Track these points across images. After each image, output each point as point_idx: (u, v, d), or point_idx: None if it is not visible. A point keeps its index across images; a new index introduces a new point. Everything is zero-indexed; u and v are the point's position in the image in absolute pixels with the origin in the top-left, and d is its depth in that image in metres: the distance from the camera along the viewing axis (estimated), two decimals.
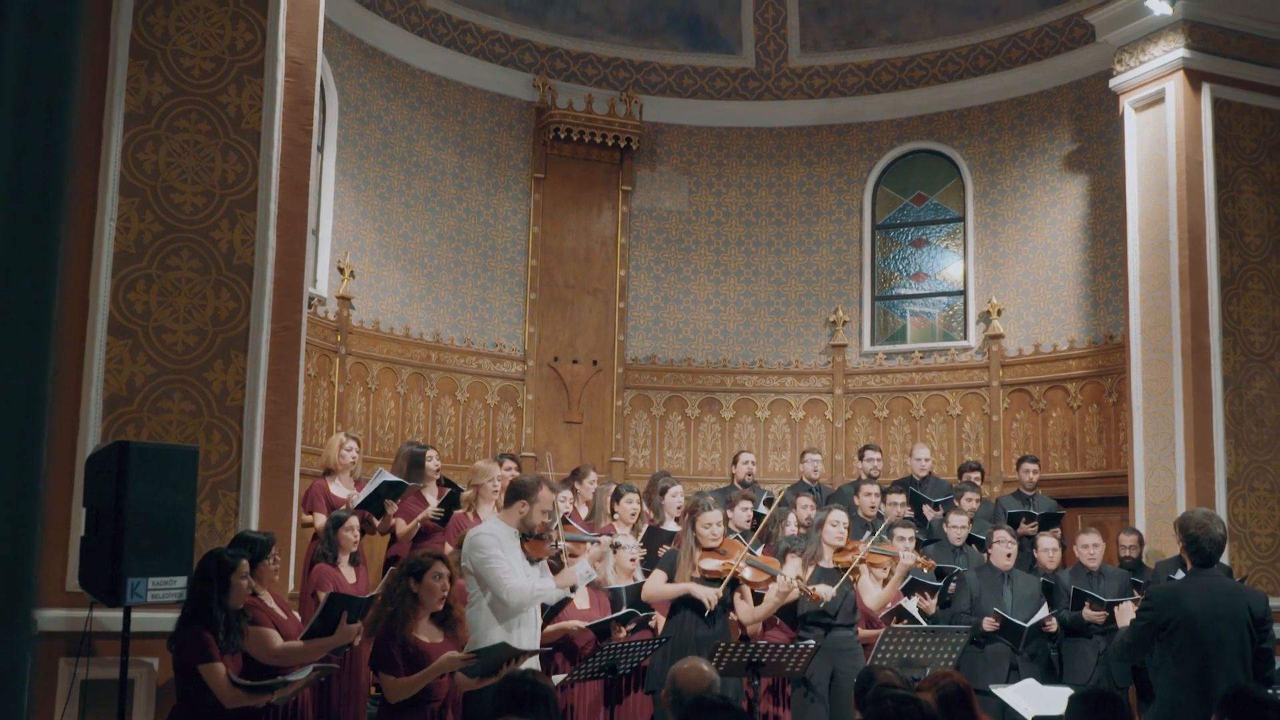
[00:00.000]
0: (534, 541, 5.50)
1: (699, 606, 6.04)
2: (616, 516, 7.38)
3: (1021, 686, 5.88)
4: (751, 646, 5.46)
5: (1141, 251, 9.10)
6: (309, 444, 8.38)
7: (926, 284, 11.76)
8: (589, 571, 5.74)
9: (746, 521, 7.66)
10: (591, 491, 8.02)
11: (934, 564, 7.19)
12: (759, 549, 6.81)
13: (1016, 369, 10.99)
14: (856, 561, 6.53)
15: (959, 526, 8.02)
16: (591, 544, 6.16)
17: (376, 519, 7.29)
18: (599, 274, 11.63)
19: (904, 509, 8.46)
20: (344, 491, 7.35)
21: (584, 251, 11.60)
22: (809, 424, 11.66)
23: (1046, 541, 7.82)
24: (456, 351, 10.86)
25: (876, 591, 6.71)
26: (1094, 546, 7.55)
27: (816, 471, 9.65)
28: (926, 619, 7.09)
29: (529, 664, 5.32)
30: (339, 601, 5.03)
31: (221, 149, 6.06)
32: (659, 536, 7.42)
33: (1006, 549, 7.26)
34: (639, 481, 8.95)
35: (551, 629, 5.90)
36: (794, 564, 6.49)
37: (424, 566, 4.77)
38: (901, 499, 8.56)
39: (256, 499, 5.94)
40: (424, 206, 10.80)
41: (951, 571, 7.65)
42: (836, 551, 6.59)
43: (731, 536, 6.59)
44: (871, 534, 7.06)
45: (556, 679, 5.48)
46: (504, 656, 4.83)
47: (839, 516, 6.69)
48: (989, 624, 6.94)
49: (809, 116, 11.92)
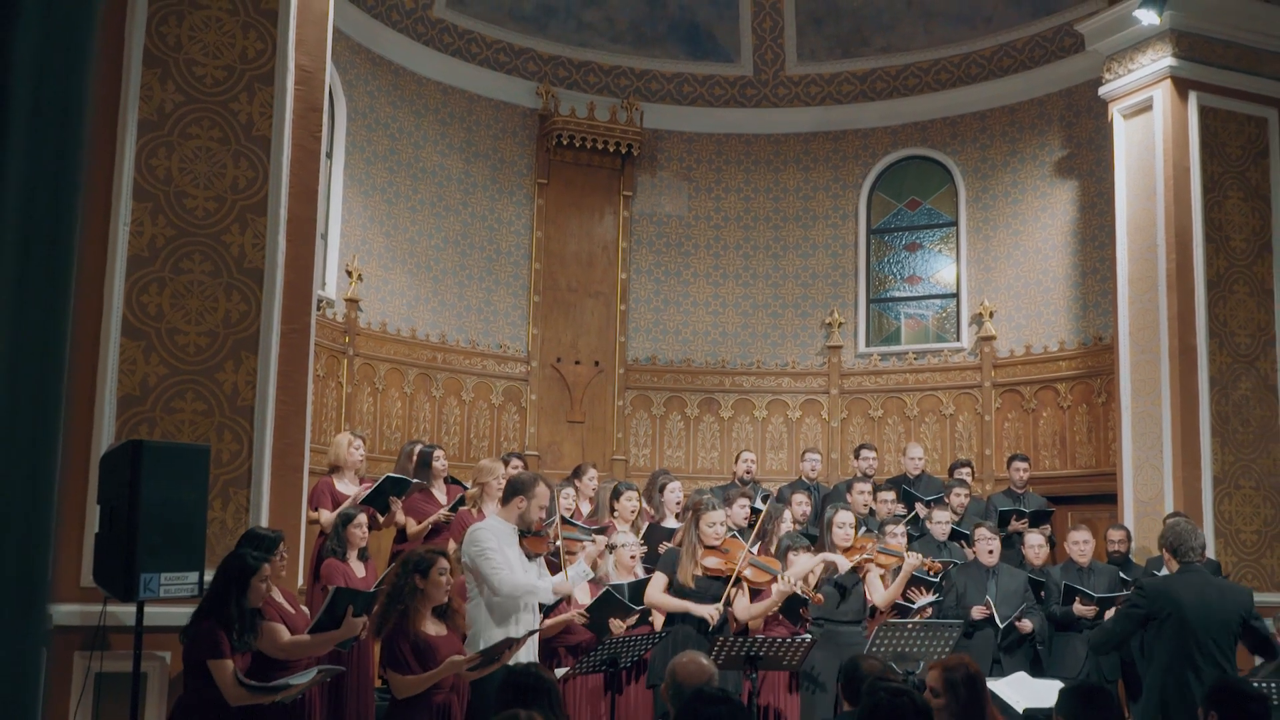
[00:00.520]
0: (532, 538, 5.50)
1: (696, 623, 6.02)
2: (616, 514, 7.38)
3: (1013, 680, 5.88)
4: (750, 640, 5.46)
5: (1130, 255, 9.10)
6: (318, 443, 8.38)
7: (920, 287, 11.76)
8: (586, 572, 5.72)
9: (744, 519, 7.66)
10: (593, 488, 8.02)
11: (940, 566, 7.16)
12: (755, 546, 6.80)
13: (1008, 370, 10.99)
14: (861, 559, 6.54)
15: (942, 522, 8.05)
16: (588, 542, 6.14)
17: (381, 515, 7.28)
18: (601, 277, 11.63)
19: (894, 506, 8.47)
20: (350, 489, 7.35)
21: (586, 255, 11.60)
22: (806, 423, 11.66)
23: (1033, 538, 7.82)
24: (462, 353, 10.86)
25: (881, 589, 6.72)
26: (1084, 543, 7.55)
27: (815, 470, 9.65)
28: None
29: (531, 658, 5.33)
30: (344, 596, 5.02)
31: (233, 155, 6.07)
32: (659, 534, 7.42)
33: (989, 546, 7.27)
34: (639, 480, 8.95)
35: (550, 623, 5.89)
36: (803, 560, 6.47)
37: (428, 563, 4.78)
38: (892, 496, 8.57)
39: (267, 496, 5.94)
40: (430, 211, 10.80)
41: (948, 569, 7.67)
42: (844, 550, 6.61)
43: (731, 535, 6.59)
44: (868, 531, 7.06)
45: (559, 672, 5.47)
46: (504, 646, 4.85)
47: (845, 517, 6.70)
48: (979, 611, 6.95)
49: (805, 123, 11.92)
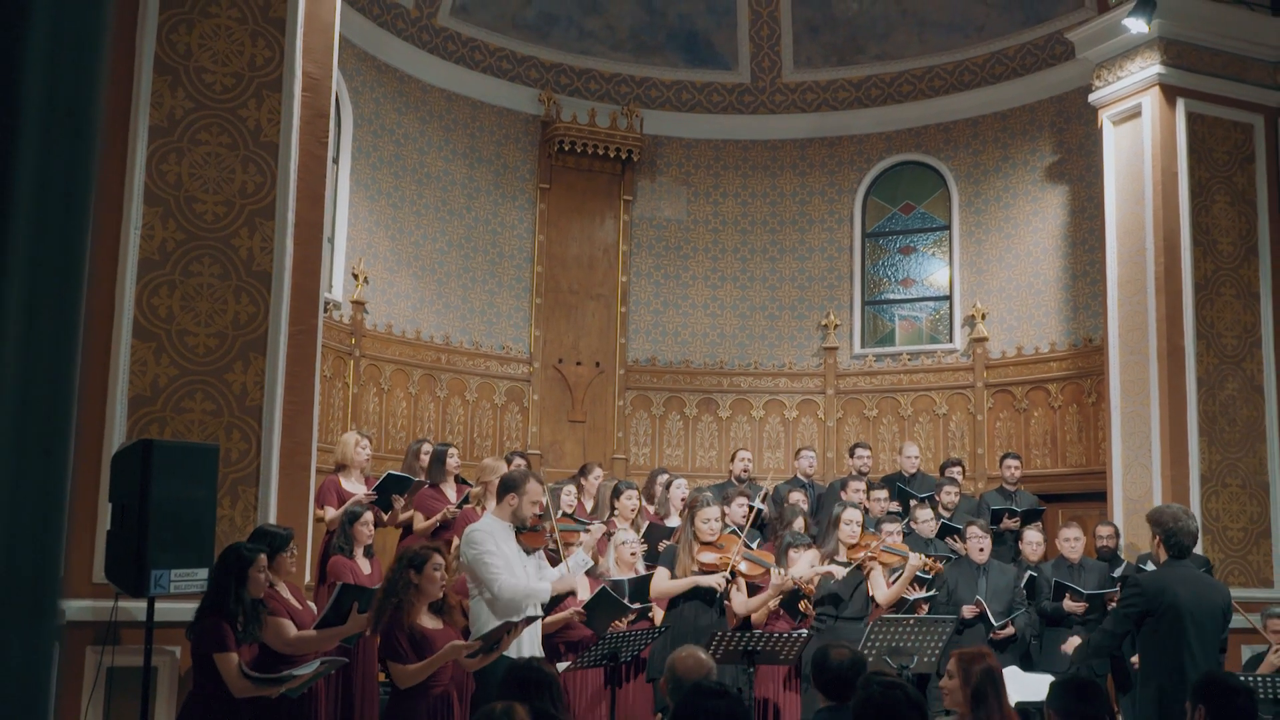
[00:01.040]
0: (529, 533, 5.49)
1: (705, 595, 6.06)
2: (617, 512, 7.38)
3: (1004, 674, 5.87)
4: (747, 635, 5.46)
5: (1119, 258, 9.10)
6: (324, 442, 8.37)
7: (914, 289, 11.76)
8: (585, 561, 5.73)
9: (743, 517, 7.65)
10: (596, 486, 8.03)
11: (941, 567, 7.15)
12: (754, 542, 6.81)
13: (1000, 370, 10.99)
14: (865, 556, 6.54)
15: (927, 520, 8.06)
16: (584, 533, 6.14)
17: (384, 513, 7.27)
18: (601, 280, 11.63)
19: (887, 504, 8.46)
20: (357, 488, 7.34)
21: (587, 258, 11.60)
22: (802, 423, 11.66)
23: (1031, 535, 7.81)
24: (465, 354, 10.86)
25: (883, 587, 6.72)
26: (1075, 540, 7.55)
27: (811, 468, 9.64)
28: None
29: (533, 653, 5.33)
30: (350, 592, 5.02)
31: (241, 160, 6.07)
32: (659, 532, 7.42)
33: (980, 543, 7.27)
34: (639, 478, 8.95)
35: (550, 620, 5.89)
36: (806, 559, 6.48)
37: (423, 559, 4.78)
38: (884, 494, 8.57)
39: (275, 494, 5.94)
40: (434, 215, 10.80)
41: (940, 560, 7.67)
42: (849, 548, 6.61)
43: (728, 531, 6.60)
44: (873, 529, 7.07)
45: (560, 667, 5.47)
46: (503, 631, 4.84)
47: (853, 515, 6.70)
48: (969, 611, 6.95)
49: (802, 129, 11.92)
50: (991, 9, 11.02)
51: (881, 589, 6.64)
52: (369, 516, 6.48)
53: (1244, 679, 4.98)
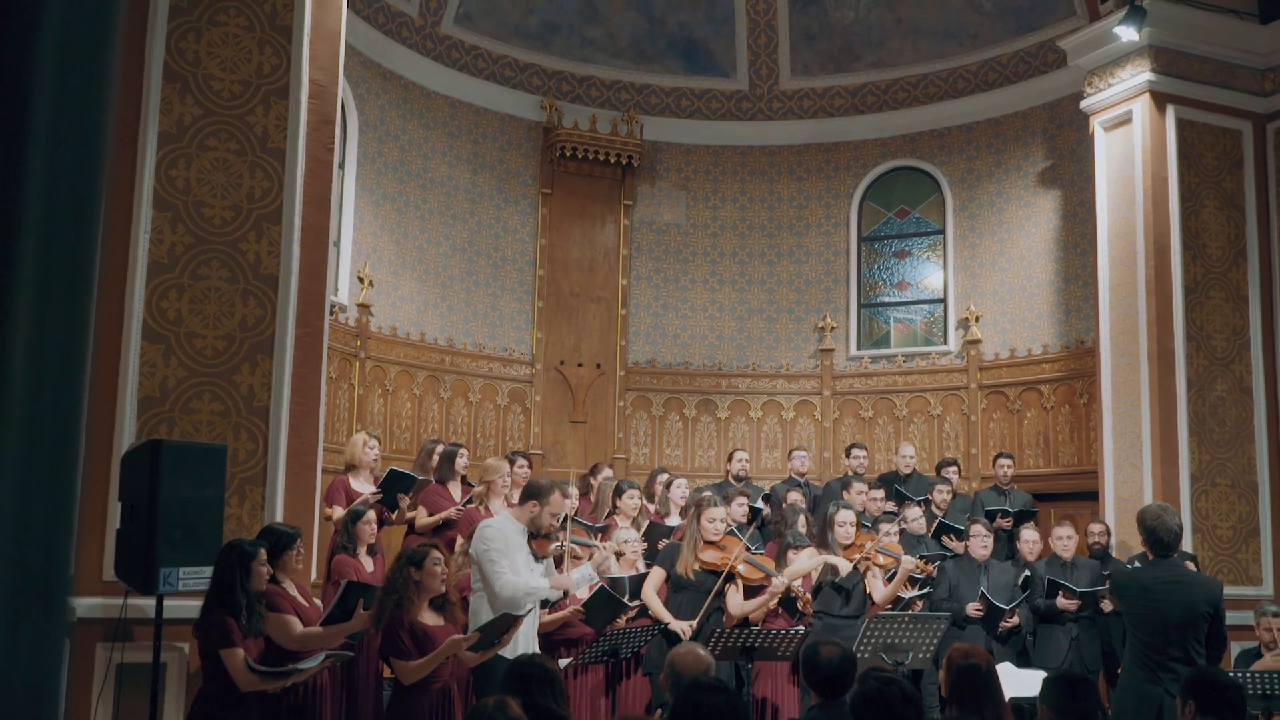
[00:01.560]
0: (541, 540, 5.49)
1: (694, 602, 6.05)
2: (619, 511, 7.39)
3: (998, 669, 5.87)
4: (745, 632, 5.46)
5: (1110, 262, 9.10)
6: (330, 443, 8.38)
7: (909, 292, 11.76)
8: (589, 576, 5.73)
9: (742, 515, 7.65)
10: (599, 485, 8.03)
11: (933, 570, 7.15)
12: (758, 546, 6.81)
13: (993, 372, 10.99)
14: (861, 557, 6.54)
15: (916, 519, 8.08)
16: (596, 550, 6.15)
17: (390, 512, 7.27)
18: (602, 283, 11.63)
19: (883, 504, 8.46)
20: (365, 487, 7.34)
21: (588, 262, 11.60)
22: (799, 423, 11.65)
23: (1028, 534, 7.80)
24: (469, 356, 10.86)
25: (879, 586, 6.72)
26: (1067, 539, 7.56)
27: (805, 467, 9.64)
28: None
29: (536, 648, 5.33)
30: (355, 589, 5.02)
31: (249, 166, 6.07)
32: (659, 531, 7.42)
33: (982, 541, 7.28)
34: (640, 478, 8.95)
35: (550, 618, 5.89)
36: (805, 555, 6.47)
37: (422, 555, 4.78)
38: (880, 494, 8.57)
39: (281, 494, 5.94)
40: (438, 220, 10.80)
41: (934, 560, 7.66)
42: (845, 548, 6.60)
43: (729, 532, 6.59)
44: (868, 529, 7.06)
45: (561, 663, 5.47)
46: (504, 626, 4.83)
47: (847, 515, 6.69)
48: (973, 609, 6.94)
49: (799, 135, 11.93)
50: (985, 18, 11.03)
51: (879, 589, 6.64)
52: (371, 515, 6.48)
53: (1233, 675, 4.98)
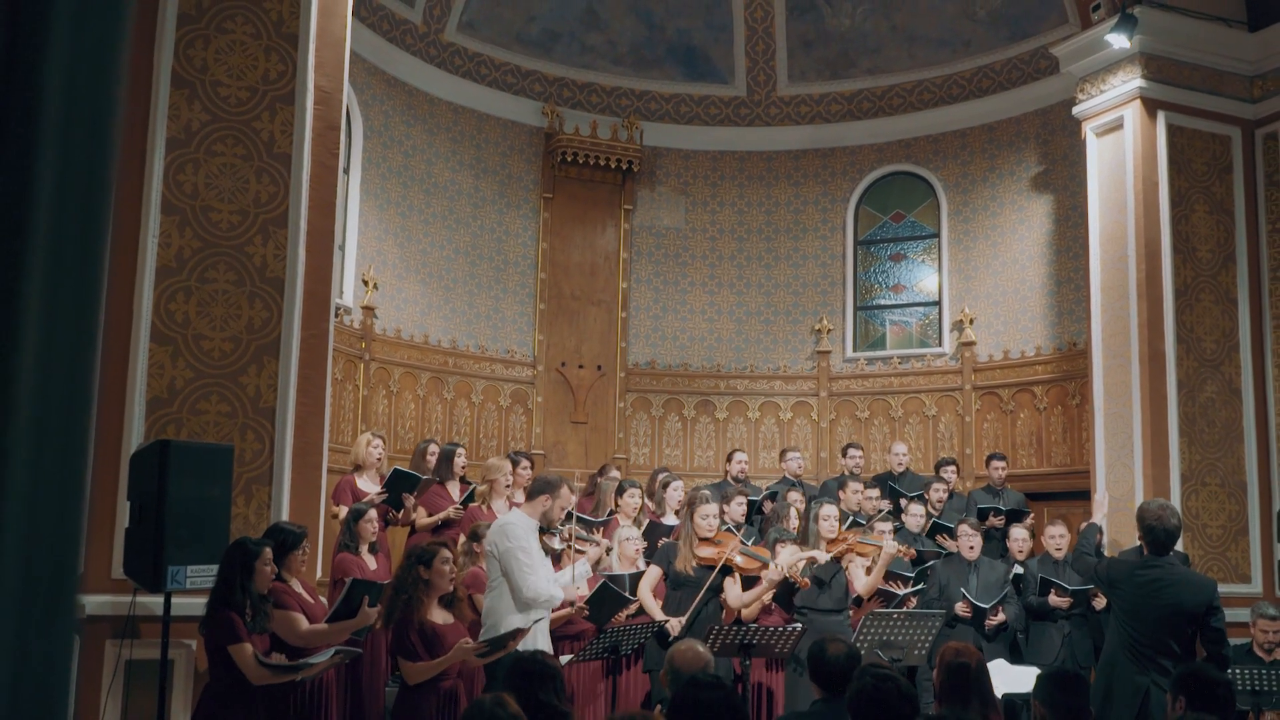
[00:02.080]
0: (547, 534, 5.51)
1: (694, 598, 6.06)
2: (620, 509, 7.39)
3: (992, 666, 5.86)
4: (744, 629, 5.46)
5: (1102, 265, 9.10)
6: (335, 443, 8.37)
7: (904, 295, 11.76)
8: (586, 571, 5.76)
9: (741, 515, 7.65)
10: (601, 486, 8.02)
11: (914, 553, 7.17)
12: (751, 539, 6.81)
13: (987, 373, 10.99)
14: (843, 552, 6.54)
15: (917, 516, 8.07)
16: (593, 545, 6.20)
17: (396, 511, 7.27)
18: (603, 286, 11.62)
19: (879, 502, 8.46)
20: (371, 487, 7.33)
21: (589, 265, 11.60)
22: (796, 424, 11.65)
23: (1018, 533, 7.80)
24: (472, 357, 10.86)
25: (863, 578, 6.73)
26: (1060, 537, 7.55)
27: (799, 467, 9.63)
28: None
29: (539, 645, 5.32)
30: (360, 587, 5.02)
31: (255, 171, 6.07)
32: (658, 530, 7.42)
33: (970, 541, 7.29)
34: (641, 478, 8.95)
35: (554, 615, 5.89)
36: (788, 552, 6.49)
37: (431, 554, 4.78)
38: (876, 493, 8.56)
39: (287, 493, 5.93)
40: (442, 224, 10.80)
41: (924, 559, 7.66)
42: (828, 543, 6.62)
43: (725, 529, 6.60)
44: (854, 524, 7.07)
45: (562, 659, 5.47)
46: (510, 635, 4.85)
47: (829, 510, 6.72)
48: (961, 609, 6.94)
49: (796, 141, 11.93)
50: (979, 25, 11.03)
51: (860, 580, 6.66)
52: (373, 514, 6.48)
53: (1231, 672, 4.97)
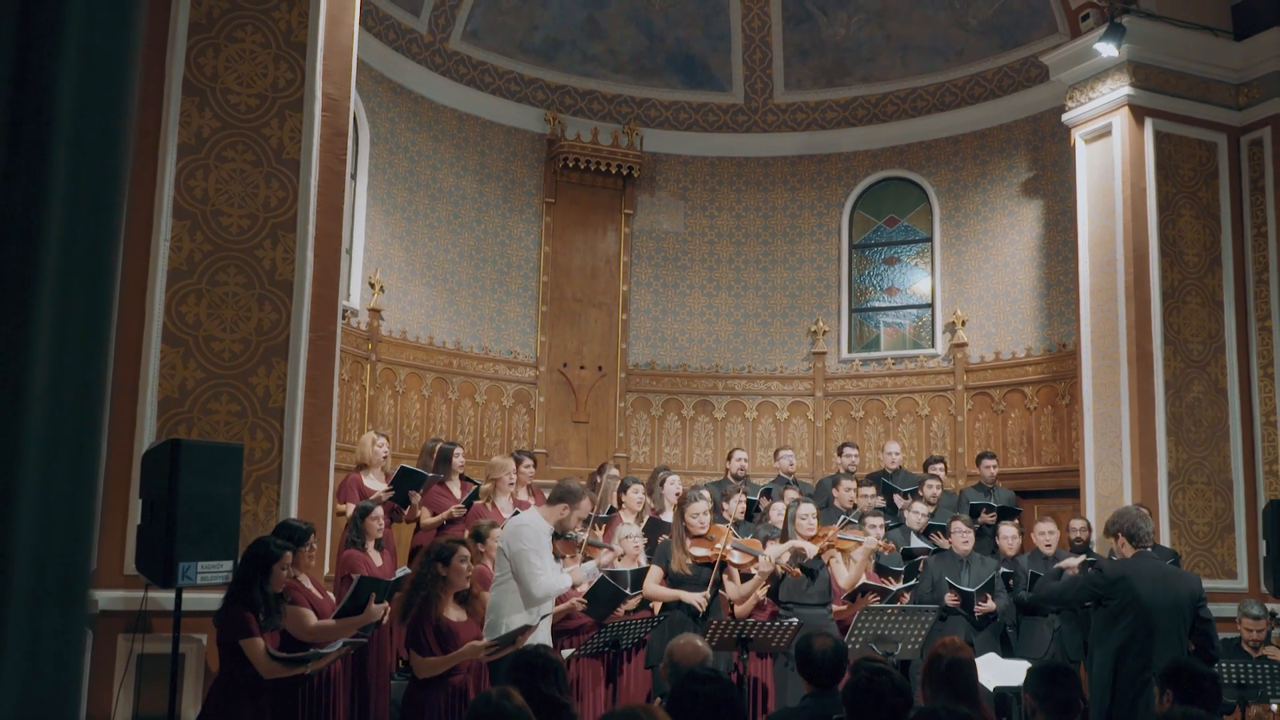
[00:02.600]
0: (564, 541, 5.52)
1: (688, 608, 6.06)
2: (624, 506, 7.40)
3: (984, 660, 5.87)
4: (741, 623, 5.46)
5: (1091, 269, 9.10)
6: (343, 442, 8.37)
7: (898, 298, 11.76)
8: (593, 571, 5.77)
9: (740, 511, 7.65)
10: (603, 483, 8.01)
11: (894, 546, 7.18)
12: (744, 535, 6.81)
13: (979, 374, 10.99)
14: (824, 548, 6.55)
15: (919, 513, 8.08)
16: (605, 551, 6.19)
17: (403, 508, 7.26)
18: (604, 289, 11.63)
19: (874, 499, 8.46)
20: (377, 485, 7.33)
21: (590, 268, 11.60)
22: (792, 424, 11.65)
23: (1007, 529, 7.81)
24: (475, 358, 10.86)
25: (843, 571, 6.75)
26: (1049, 534, 7.57)
27: (792, 466, 9.62)
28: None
29: (541, 639, 5.32)
30: (367, 584, 5.02)
31: (265, 176, 6.07)
32: (659, 527, 7.42)
33: (963, 537, 7.29)
34: (642, 476, 8.94)
35: (554, 609, 5.89)
36: (775, 547, 6.50)
37: (450, 552, 4.77)
38: (872, 490, 8.56)
39: (295, 491, 5.94)
40: (446, 228, 10.80)
41: (917, 554, 7.66)
42: (808, 539, 6.62)
43: (719, 523, 6.60)
44: (847, 522, 7.06)
45: (564, 654, 5.46)
46: (518, 633, 4.85)
47: (807, 509, 6.74)
48: (950, 599, 6.96)
49: (792, 147, 11.93)
50: (970, 34, 11.03)
51: (843, 574, 6.67)
52: (379, 511, 6.47)
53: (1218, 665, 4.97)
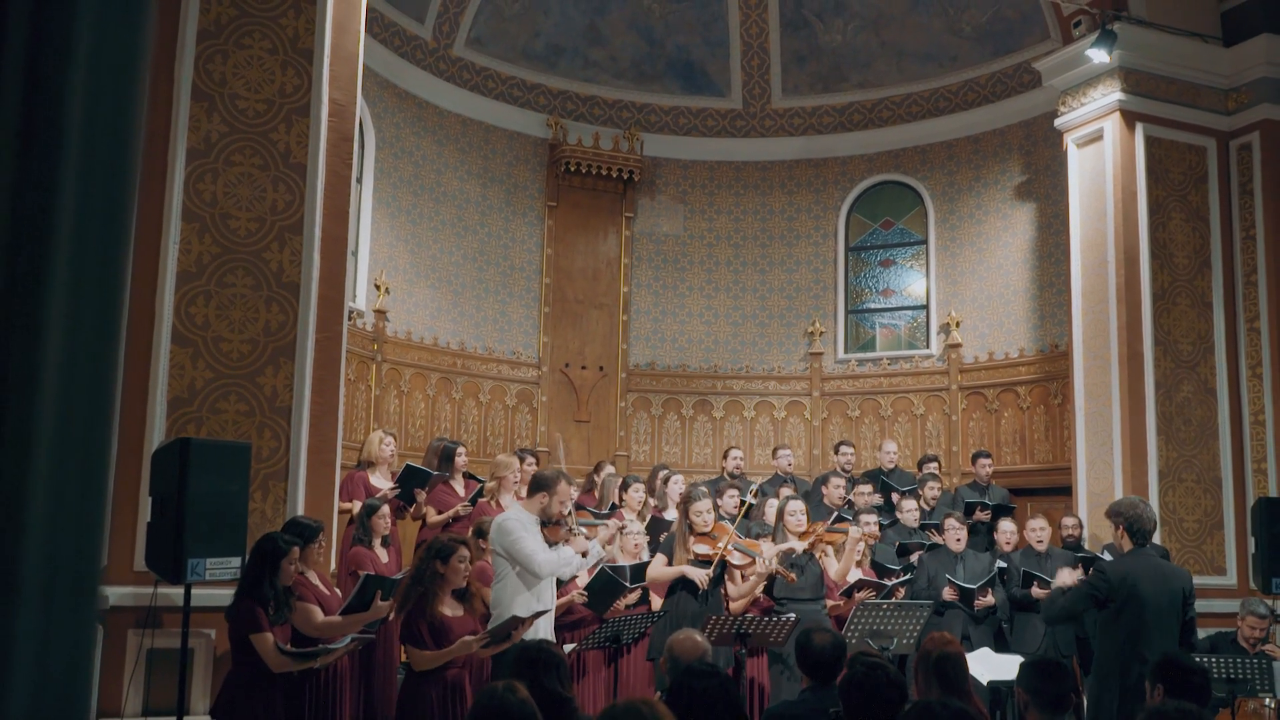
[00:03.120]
0: (552, 527, 5.50)
1: (694, 585, 6.08)
2: (625, 504, 7.40)
3: (978, 655, 5.87)
4: (739, 619, 5.46)
5: (1083, 270, 9.10)
6: (349, 441, 8.37)
7: (893, 299, 11.76)
8: (597, 549, 5.74)
9: (734, 508, 7.65)
10: (603, 481, 8.01)
11: (879, 534, 7.18)
12: (744, 534, 6.81)
13: (973, 374, 10.98)
14: (813, 543, 6.55)
15: (911, 511, 8.09)
16: (602, 526, 6.19)
17: (408, 506, 7.26)
18: (605, 290, 11.63)
19: (871, 497, 8.46)
20: (383, 483, 7.32)
21: (591, 270, 11.60)
22: (790, 423, 11.65)
23: (1006, 525, 7.80)
24: (479, 359, 10.86)
25: (833, 564, 6.76)
26: (1041, 530, 7.56)
27: (790, 464, 9.62)
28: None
29: (542, 634, 5.31)
30: (373, 582, 5.02)
31: (272, 180, 6.07)
32: (661, 525, 7.42)
33: (956, 534, 7.29)
34: (642, 474, 8.94)
35: (555, 603, 5.88)
36: (768, 546, 6.51)
37: (450, 550, 4.77)
38: (869, 488, 8.56)
39: (302, 489, 5.94)
40: (450, 231, 10.80)
41: (912, 548, 7.68)
42: (798, 535, 6.63)
43: (720, 521, 6.61)
44: (840, 518, 7.07)
45: (566, 649, 5.46)
46: (512, 626, 4.83)
47: (796, 506, 6.76)
48: (948, 593, 6.96)
49: (790, 152, 11.93)
50: (964, 41, 11.03)
51: (832, 566, 6.69)
52: (385, 510, 6.47)
53: (1199, 659, 4.97)
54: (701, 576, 6.03)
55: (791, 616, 5.71)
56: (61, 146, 0.75)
